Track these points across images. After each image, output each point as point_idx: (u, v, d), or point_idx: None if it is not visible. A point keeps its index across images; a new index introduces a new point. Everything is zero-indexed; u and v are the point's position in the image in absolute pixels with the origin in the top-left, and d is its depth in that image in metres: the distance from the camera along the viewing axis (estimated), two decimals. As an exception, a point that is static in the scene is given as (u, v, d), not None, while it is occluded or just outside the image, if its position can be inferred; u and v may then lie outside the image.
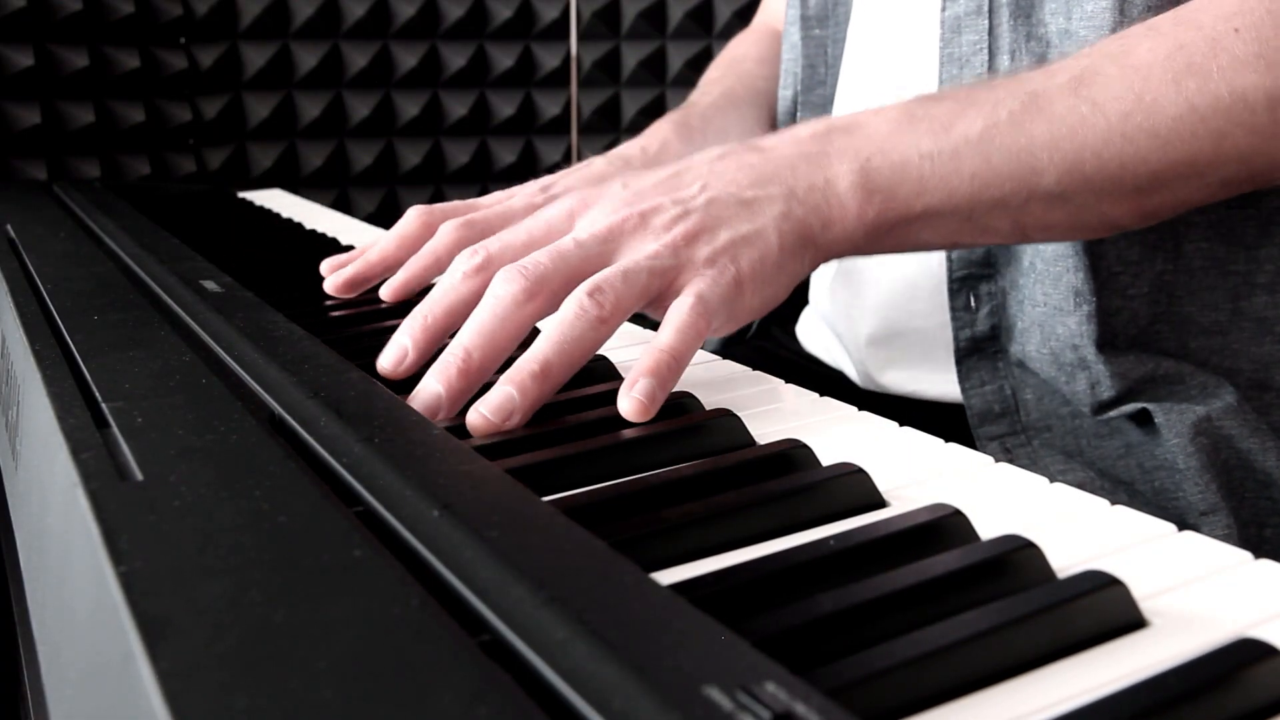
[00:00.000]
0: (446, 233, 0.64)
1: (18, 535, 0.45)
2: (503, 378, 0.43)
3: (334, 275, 0.65)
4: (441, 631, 0.24)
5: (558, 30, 1.56)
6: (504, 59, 1.55)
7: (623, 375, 0.49)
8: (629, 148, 0.76)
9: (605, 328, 0.44)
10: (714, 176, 0.49)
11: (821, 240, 0.50)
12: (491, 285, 0.46)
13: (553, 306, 0.46)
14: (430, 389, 0.44)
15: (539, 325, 0.46)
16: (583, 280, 0.45)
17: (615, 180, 0.53)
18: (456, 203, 0.69)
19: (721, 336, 0.48)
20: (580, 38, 1.57)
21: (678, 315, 0.45)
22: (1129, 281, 0.62)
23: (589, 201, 0.51)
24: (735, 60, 0.92)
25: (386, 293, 0.64)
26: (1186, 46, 0.50)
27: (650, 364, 0.43)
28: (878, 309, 0.72)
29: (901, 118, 0.51)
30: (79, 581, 0.29)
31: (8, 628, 0.52)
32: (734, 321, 0.48)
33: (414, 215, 0.67)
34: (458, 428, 0.42)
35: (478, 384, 0.44)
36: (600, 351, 0.47)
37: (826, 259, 0.51)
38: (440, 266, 0.64)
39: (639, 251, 0.47)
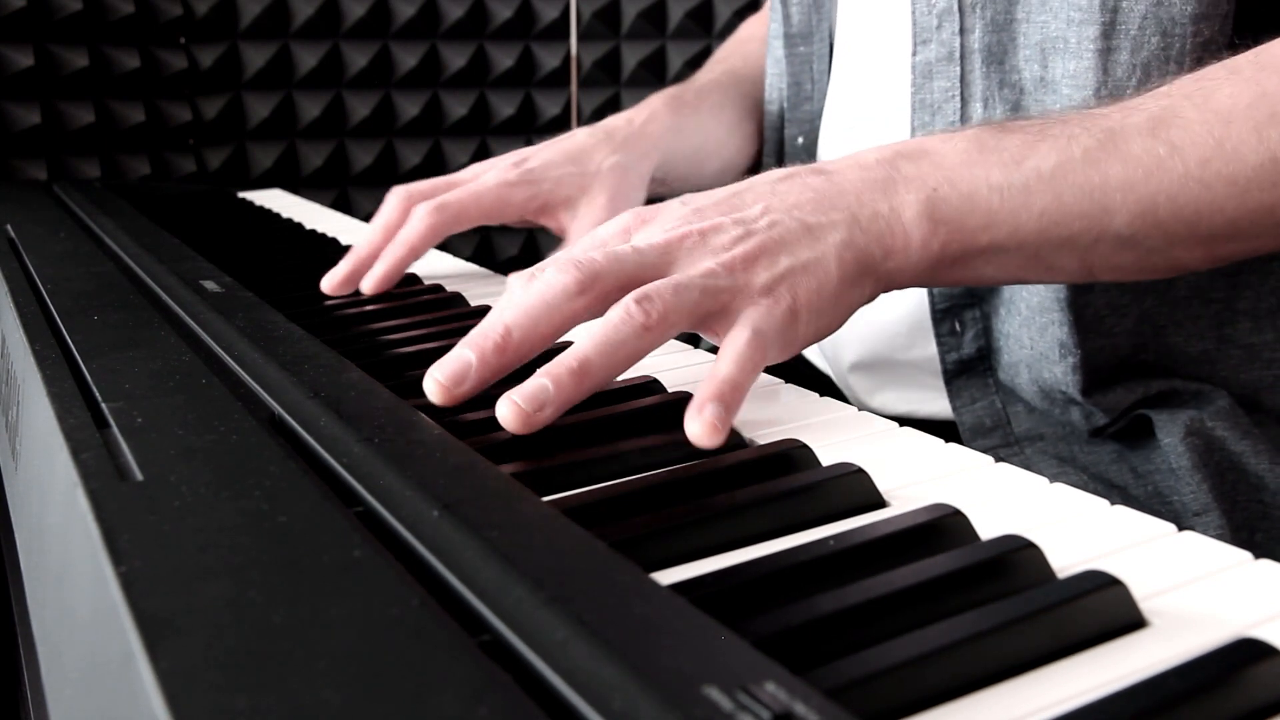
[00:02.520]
0: (419, 217, 0.64)
1: (18, 535, 0.45)
2: (540, 370, 0.41)
3: (329, 276, 0.65)
4: (441, 631, 0.24)
5: (558, 30, 1.56)
6: (504, 59, 1.55)
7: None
8: (614, 119, 0.75)
9: (650, 336, 0.42)
10: (776, 198, 0.48)
11: (882, 270, 0.48)
12: (544, 274, 0.44)
13: (600, 309, 0.44)
14: (461, 356, 0.42)
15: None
16: (635, 288, 0.44)
17: (673, 199, 0.51)
18: (435, 180, 0.69)
19: (773, 364, 0.46)
20: (580, 38, 1.57)
21: (735, 348, 0.43)
22: (1114, 322, 0.61)
23: (645, 218, 0.50)
24: (743, 40, 0.93)
25: (367, 287, 0.65)
26: (1270, 95, 0.48)
27: (715, 390, 0.41)
28: (861, 340, 0.71)
29: (971, 147, 0.49)
30: (79, 581, 0.29)
31: (8, 628, 0.52)
32: (787, 351, 0.46)
33: (394, 200, 0.67)
34: (455, 427, 0.42)
35: (509, 366, 0.43)
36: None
37: (887, 289, 0.50)
38: (415, 254, 0.64)
39: (695, 268, 0.45)
